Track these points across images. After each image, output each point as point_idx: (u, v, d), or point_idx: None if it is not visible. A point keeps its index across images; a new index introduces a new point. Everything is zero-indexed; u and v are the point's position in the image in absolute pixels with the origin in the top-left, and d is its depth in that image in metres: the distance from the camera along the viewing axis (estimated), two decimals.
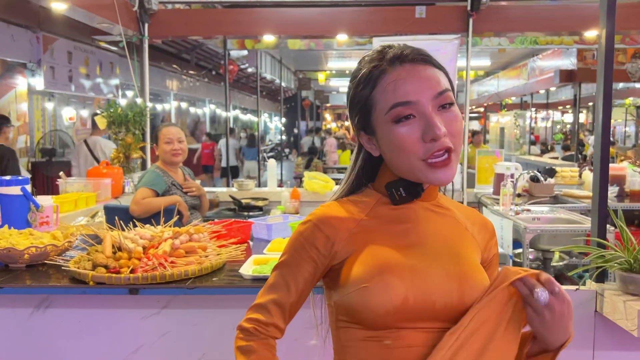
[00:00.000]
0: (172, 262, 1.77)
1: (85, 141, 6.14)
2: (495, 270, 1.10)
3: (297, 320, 1.04)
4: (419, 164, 0.94)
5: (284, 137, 15.91)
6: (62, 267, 1.81)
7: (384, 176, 1.03)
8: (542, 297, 0.88)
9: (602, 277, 1.77)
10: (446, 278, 0.95)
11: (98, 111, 4.36)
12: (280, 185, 5.76)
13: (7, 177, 2.33)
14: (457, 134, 0.95)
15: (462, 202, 4.45)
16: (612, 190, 4.00)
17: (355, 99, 1.00)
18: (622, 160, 4.55)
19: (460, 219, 1.07)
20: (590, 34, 4.75)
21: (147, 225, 2.02)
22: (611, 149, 5.76)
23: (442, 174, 0.94)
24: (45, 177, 6.33)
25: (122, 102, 4.70)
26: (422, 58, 0.99)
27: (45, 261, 1.94)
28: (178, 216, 2.17)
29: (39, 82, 6.72)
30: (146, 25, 4.55)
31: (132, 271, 1.71)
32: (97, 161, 5.40)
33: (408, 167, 0.95)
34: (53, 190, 5.12)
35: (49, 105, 7.32)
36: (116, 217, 1.95)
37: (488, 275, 1.04)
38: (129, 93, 7.89)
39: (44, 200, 2.39)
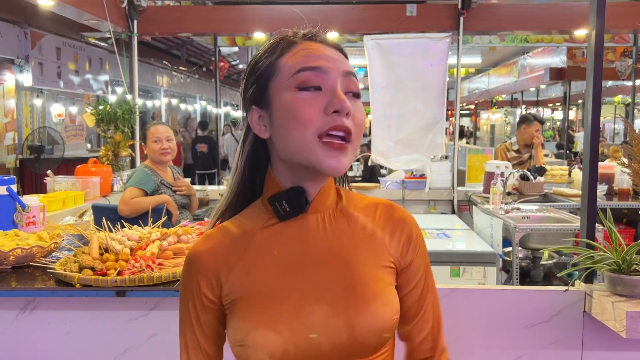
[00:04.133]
0: (159, 263, 1.75)
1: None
2: (418, 276, 0.94)
3: None
4: (313, 140, 0.82)
5: None
6: (48, 269, 1.79)
7: (269, 187, 0.91)
8: None
9: (590, 277, 1.78)
10: (332, 315, 0.84)
11: (88, 109, 4.32)
12: None
13: None
14: (360, 125, 0.86)
15: (452, 200, 4.47)
16: (601, 189, 4.02)
17: (255, 67, 0.90)
18: (612, 159, 4.58)
19: (366, 224, 0.93)
20: (580, 32, 4.77)
21: (135, 227, 2.00)
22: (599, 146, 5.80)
23: (334, 160, 0.82)
24: (34, 175, 6.28)
25: (112, 98, 4.67)
26: (333, 44, 0.91)
27: (31, 263, 1.91)
28: (167, 216, 2.15)
29: (27, 78, 6.65)
30: (135, 22, 4.51)
31: (119, 273, 1.69)
32: None
33: (299, 144, 0.83)
34: (41, 188, 5.07)
35: (38, 102, 7.25)
36: (103, 218, 1.93)
37: (405, 282, 0.93)
38: (119, 89, 7.83)
39: (30, 200, 2.36)
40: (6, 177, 2.32)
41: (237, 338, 0.85)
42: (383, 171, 6.21)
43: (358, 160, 7.20)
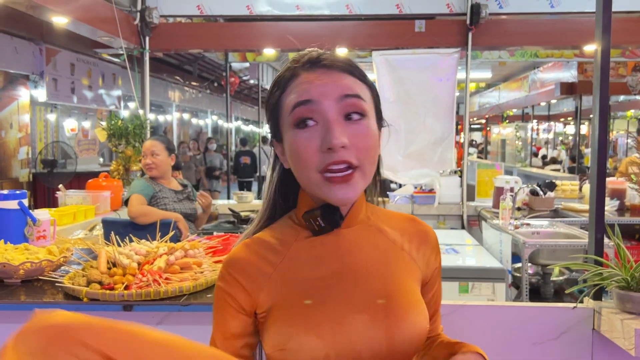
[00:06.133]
0: (166, 278, 1.76)
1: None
2: (437, 283, 1.02)
3: None
4: (317, 176, 0.85)
5: None
6: (57, 283, 1.80)
7: (302, 203, 0.94)
8: None
9: (600, 294, 1.76)
10: (371, 324, 0.86)
11: (102, 123, 4.38)
12: None
13: (4, 191, 2.33)
14: (365, 149, 0.86)
15: (462, 215, 4.45)
16: (613, 204, 3.98)
17: (269, 102, 0.94)
18: (620, 174, 4.55)
19: (396, 238, 0.97)
20: (590, 47, 4.76)
21: (143, 241, 2.02)
22: (610, 160, 5.75)
23: (339, 191, 0.84)
24: (47, 189, 6.35)
25: (125, 113, 4.73)
26: (340, 65, 0.89)
27: (40, 276, 1.93)
28: (174, 231, 2.16)
29: (41, 93, 6.77)
30: (147, 39, 4.58)
31: (126, 287, 1.70)
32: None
33: (307, 181, 0.87)
34: (54, 201, 5.13)
35: (51, 117, 7.36)
36: (112, 232, 1.95)
37: (427, 291, 0.98)
38: (132, 104, 7.93)
39: (41, 214, 2.39)
40: (18, 192, 2.36)
41: (278, 342, 0.85)
42: (393, 185, 6.20)
43: None
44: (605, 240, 1.80)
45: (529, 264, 3.02)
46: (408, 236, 0.98)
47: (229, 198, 6.60)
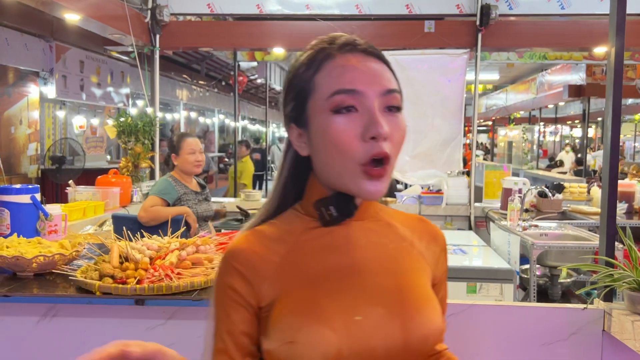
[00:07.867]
0: (178, 273, 1.78)
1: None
2: (444, 286, 0.98)
3: None
4: (354, 167, 0.81)
5: None
6: (69, 277, 1.82)
7: (312, 192, 0.89)
8: None
9: (610, 296, 1.76)
10: (387, 317, 0.81)
11: (109, 121, 4.41)
12: None
13: (17, 186, 2.35)
14: (398, 144, 0.83)
15: (469, 216, 4.44)
16: (621, 207, 3.97)
17: (293, 82, 0.88)
18: (633, 177, 4.53)
19: (406, 234, 0.93)
20: (600, 49, 4.75)
21: (155, 236, 2.04)
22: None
23: (373, 187, 0.81)
24: (55, 185, 6.39)
25: (133, 111, 4.75)
26: (375, 52, 0.86)
27: (53, 270, 1.95)
28: (185, 227, 2.18)
29: (50, 90, 6.80)
30: (157, 36, 4.60)
31: (138, 282, 1.72)
32: None
33: (340, 170, 0.82)
34: (62, 197, 5.16)
35: (60, 114, 7.40)
36: (124, 227, 1.96)
37: (436, 293, 0.92)
38: (140, 102, 7.97)
39: (53, 209, 2.41)
40: (30, 186, 2.37)
41: (287, 335, 0.79)
42: (399, 186, 6.21)
43: None
44: None
45: (537, 266, 3.02)
46: (418, 234, 0.94)
47: (235, 196, 6.61)
